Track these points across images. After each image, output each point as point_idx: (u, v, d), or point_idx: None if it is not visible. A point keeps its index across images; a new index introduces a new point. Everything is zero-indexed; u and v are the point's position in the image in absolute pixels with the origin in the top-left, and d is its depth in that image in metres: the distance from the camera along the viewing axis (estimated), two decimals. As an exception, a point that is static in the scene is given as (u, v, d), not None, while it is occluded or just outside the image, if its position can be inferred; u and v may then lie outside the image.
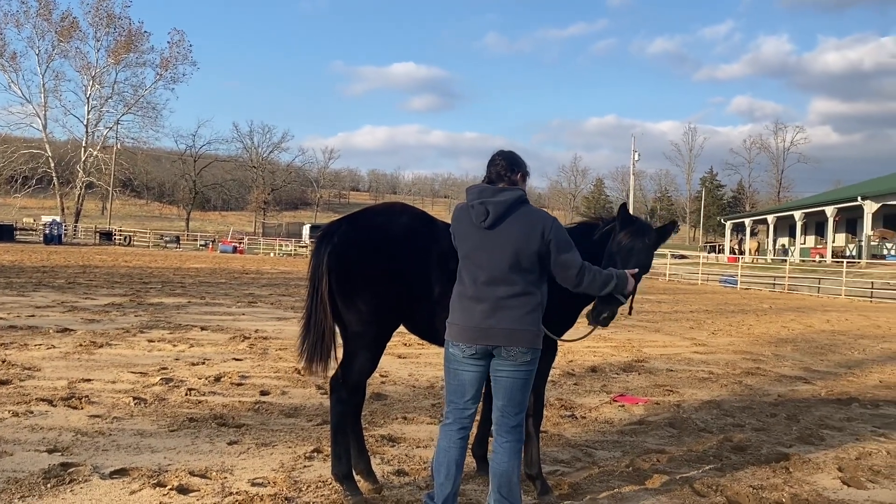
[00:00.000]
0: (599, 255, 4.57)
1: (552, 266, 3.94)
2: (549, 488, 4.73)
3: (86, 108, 75.44)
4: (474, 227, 3.94)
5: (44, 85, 72.60)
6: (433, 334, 4.60)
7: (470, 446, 5.05)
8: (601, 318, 4.43)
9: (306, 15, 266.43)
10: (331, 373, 4.56)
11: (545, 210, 4.22)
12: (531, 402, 4.67)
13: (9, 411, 5.95)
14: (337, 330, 4.51)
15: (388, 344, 4.70)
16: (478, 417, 4.52)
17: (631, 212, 4.78)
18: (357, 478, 4.58)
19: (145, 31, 76.66)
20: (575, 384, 8.63)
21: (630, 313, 5.58)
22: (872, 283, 34.22)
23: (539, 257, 3.90)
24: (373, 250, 4.36)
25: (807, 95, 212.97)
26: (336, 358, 4.53)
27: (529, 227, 3.92)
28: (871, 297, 32.54)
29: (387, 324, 4.49)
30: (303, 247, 67.14)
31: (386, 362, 9.00)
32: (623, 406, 7.57)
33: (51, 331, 10.34)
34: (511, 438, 3.96)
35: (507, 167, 4.09)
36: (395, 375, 8.46)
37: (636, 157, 64.81)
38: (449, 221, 4.37)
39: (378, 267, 4.34)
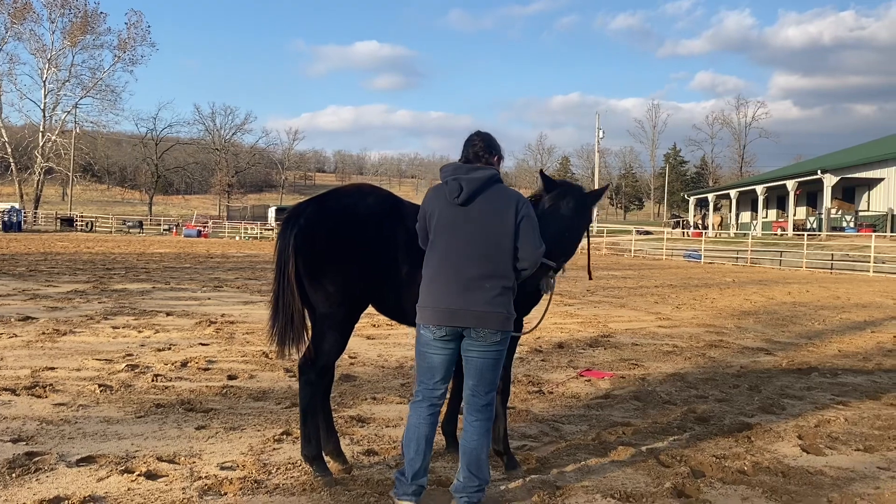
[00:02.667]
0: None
1: (519, 244, 3.95)
2: (516, 463, 4.80)
3: (42, 91, 73.78)
4: (448, 204, 3.96)
5: (-3, 68, 70.85)
6: (401, 314, 4.63)
7: (440, 423, 5.09)
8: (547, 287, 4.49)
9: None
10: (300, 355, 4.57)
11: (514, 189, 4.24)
12: (503, 379, 4.74)
13: (-29, 402, 5.86)
14: (306, 312, 4.52)
15: (357, 325, 4.71)
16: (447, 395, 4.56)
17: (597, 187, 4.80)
18: (326, 458, 4.60)
19: (101, 12, 75.33)
20: (542, 360, 8.72)
21: (590, 278, 5.71)
22: (832, 254, 34.93)
23: (512, 236, 3.93)
24: (340, 231, 4.36)
25: (768, 70, 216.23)
26: (306, 340, 4.53)
27: (503, 205, 3.95)
28: (831, 268, 33.21)
29: (355, 305, 4.49)
30: (269, 229, 66.63)
31: (355, 343, 9.00)
32: (589, 381, 7.68)
33: (12, 319, 10.18)
34: (481, 417, 4.01)
35: (484, 148, 4.11)
36: (365, 356, 8.47)
37: (600, 135, 65.08)
38: (417, 202, 4.38)
39: (345, 248, 4.34)
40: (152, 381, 6.87)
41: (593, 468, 4.92)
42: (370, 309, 4.72)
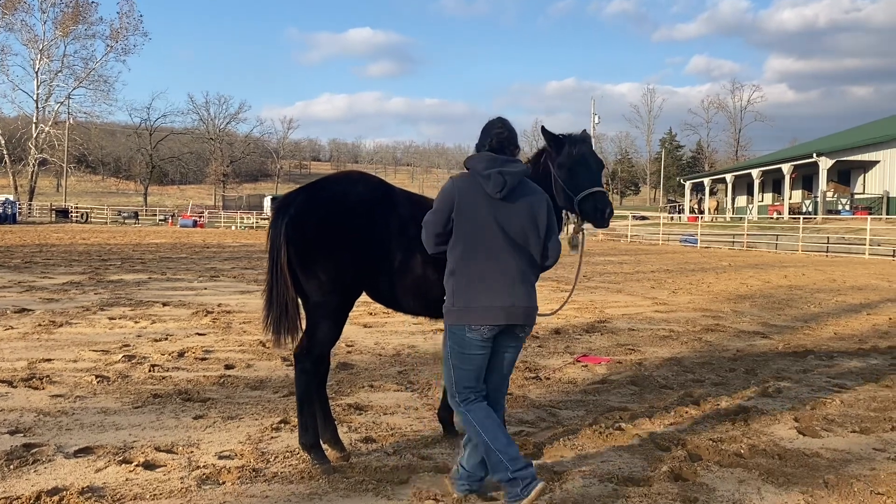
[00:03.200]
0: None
1: (550, 243, 3.96)
2: None
3: (35, 82, 73.63)
4: (486, 198, 3.80)
5: (-11, 60, 70.55)
6: (395, 301, 4.63)
7: (436, 411, 5.09)
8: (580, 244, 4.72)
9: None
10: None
11: None
12: None
13: (-33, 394, 5.86)
14: (300, 301, 4.52)
15: (354, 314, 4.72)
16: (442, 382, 4.54)
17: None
18: (324, 446, 4.61)
19: (93, 2, 74.98)
20: (539, 346, 8.74)
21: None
22: (828, 238, 34.98)
23: (544, 233, 3.91)
24: (330, 220, 4.36)
25: (763, 54, 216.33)
26: (301, 328, 4.54)
27: (537, 202, 3.90)
28: (827, 251, 33.26)
29: (348, 292, 4.48)
30: (265, 219, 66.45)
31: (352, 332, 9.01)
32: (586, 366, 7.69)
33: (8, 311, 10.16)
34: (502, 410, 4.07)
35: (510, 138, 3.98)
36: (361, 345, 8.48)
37: (596, 120, 65.10)
38: (412, 190, 4.37)
39: (336, 236, 4.33)
40: (149, 371, 6.87)
41: (591, 453, 4.94)
42: (367, 298, 4.72)
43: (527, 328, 3.91)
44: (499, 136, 3.94)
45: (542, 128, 4.79)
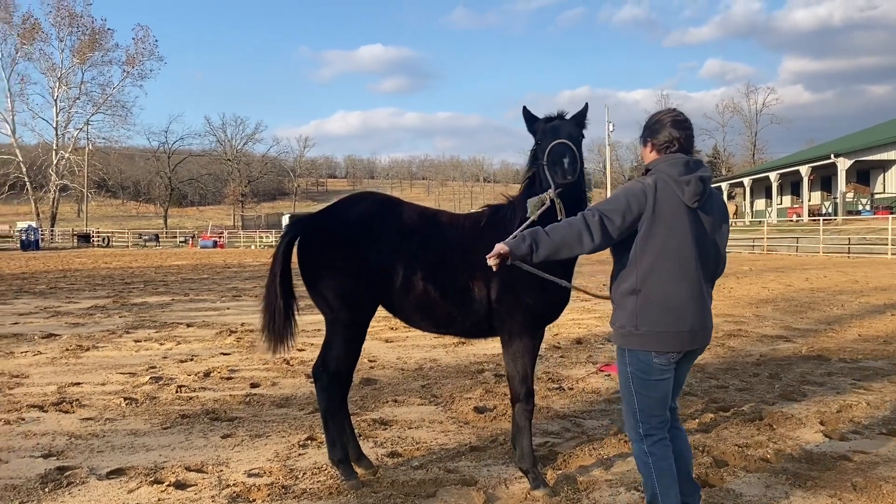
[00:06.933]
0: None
1: (724, 250, 3.59)
2: (544, 482, 4.44)
3: (54, 110, 74.65)
4: (683, 208, 3.38)
5: (9, 89, 71.96)
6: (406, 317, 4.67)
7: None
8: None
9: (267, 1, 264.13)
10: (291, 353, 4.65)
11: None
12: (520, 386, 4.38)
13: (0, 420, 5.96)
14: (293, 315, 4.60)
15: (375, 329, 4.77)
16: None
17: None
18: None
19: (109, 29, 76.10)
20: (561, 357, 8.75)
21: None
22: (849, 239, 34.67)
23: (726, 244, 3.59)
24: (330, 238, 4.50)
25: (777, 55, 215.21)
26: (291, 338, 4.61)
27: (722, 210, 3.54)
28: (849, 252, 32.97)
29: (357, 308, 4.52)
30: (283, 237, 66.73)
31: (374, 347, 9.07)
32: (609, 375, 7.69)
33: (36, 337, 10.31)
34: (679, 421, 3.79)
35: (693, 138, 3.52)
36: (384, 360, 8.52)
37: (611, 128, 64.93)
38: (427, 204, 4.38)
39: (335, 253, 4.46)
40: (176, 392, 6.96)
41: (616, 462, 4.95)
42: (387, 313, 4.77)
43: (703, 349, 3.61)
44: (685, 133, 3.47)
45: (524, 108, 4.44)
